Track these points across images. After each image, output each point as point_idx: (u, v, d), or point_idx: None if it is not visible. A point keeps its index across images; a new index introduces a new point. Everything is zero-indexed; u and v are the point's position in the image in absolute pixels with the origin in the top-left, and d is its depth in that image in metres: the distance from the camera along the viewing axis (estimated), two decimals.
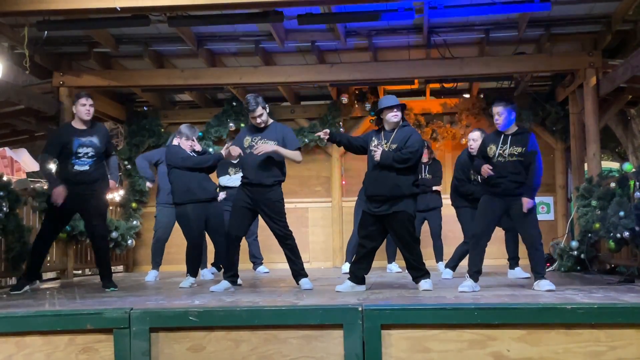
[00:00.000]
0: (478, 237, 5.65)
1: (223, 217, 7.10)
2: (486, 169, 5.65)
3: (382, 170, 5.68)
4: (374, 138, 5.84)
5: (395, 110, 5.75)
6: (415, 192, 5.75)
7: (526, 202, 5.51)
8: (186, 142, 6.91)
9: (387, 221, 5.71)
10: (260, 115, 6.06)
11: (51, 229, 6.43)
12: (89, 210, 6.39)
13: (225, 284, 6.06)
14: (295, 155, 6.12)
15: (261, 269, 8.77)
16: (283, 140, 6.08)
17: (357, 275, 5.78)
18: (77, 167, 6.31)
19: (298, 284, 6.10)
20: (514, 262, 7.17)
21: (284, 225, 6.10)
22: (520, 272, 7.04)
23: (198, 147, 7.03)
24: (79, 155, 6.30)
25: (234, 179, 8.20)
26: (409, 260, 5.81)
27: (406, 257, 5.81)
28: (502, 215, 5.78)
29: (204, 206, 6.81)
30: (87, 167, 6.32)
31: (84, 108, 6.37)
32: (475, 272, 5.55)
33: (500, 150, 5.65)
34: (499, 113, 5.67)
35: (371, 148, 5.77)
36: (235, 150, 6.08)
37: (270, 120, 6.23)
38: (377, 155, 5.65)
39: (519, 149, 5.60)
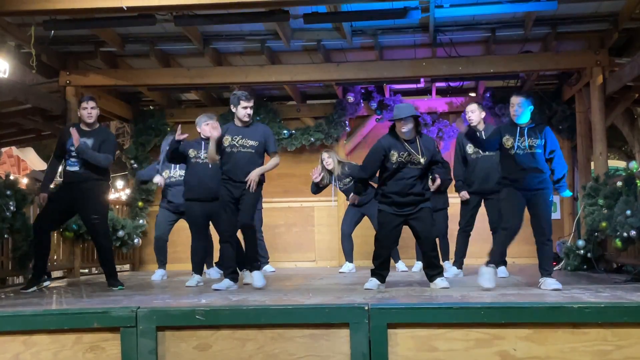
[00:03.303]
0: (512, 230, 5.59)
1: None
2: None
3: (408, 178, 5.78)
4: (392, 151, 5.77)
5: (402, 122, 5.75)
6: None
7: (564, 192, 5.82)
8: (205, 127, 6.82)
9: (412, 219, 5.82)
10: (252, 107, 6.16)
11: (42, 226, 6.41)
12: (84, 209, 6.41)
13: (227, 282, 6.07)
14: (274, 164, 6.23)
15: (267, 267, 8.77)
16: (265, 142, 6.14)
17: (384, 276, 5.91)
18: (68, 168, 6.38)
19: (249, 271, 6.20)
20: (500, 262, 7.19)
21: (252, 216, 6.13)
22: (501, 271, 7.03)
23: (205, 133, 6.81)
24: (72, 154, 6.33)
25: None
26: (429, 257, 5.87)
27: (427, 254, 5.89)
28: (524, 208, 5.75)
29: (207, 205, 6.72)
30: (76, 168, 6.34)
31: (85, 112, 6.40)
32: (501, 261, 5.60)
33: (518, 142, 5.65)
34: (519, 104, 5.69)
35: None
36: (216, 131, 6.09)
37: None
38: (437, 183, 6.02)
39: (538, 141, 5.63)
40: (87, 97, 6.55)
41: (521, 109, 5.69)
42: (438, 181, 5.98)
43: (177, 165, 7.60)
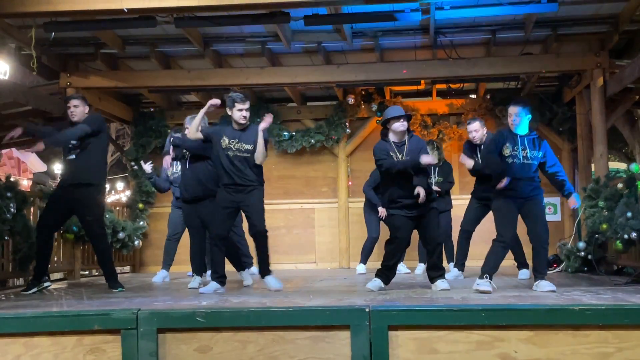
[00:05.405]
0: (508, 241, 5.63)
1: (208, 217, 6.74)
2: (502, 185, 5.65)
3: (414, 178, 5.80)
4: (391, 153, 5.86)
5: (402, 120, 5.83)
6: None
7: (574, 201, 5.72)
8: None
9: (421, 220, 5.87)
10: (248, 109, 6.07)
11: (46, 225, 6.36)
12: (78, 209, 6.39)
13: (214, 285, 6.02)
14: (263, 149, 6.07)
15: (253, 269, 8.74)
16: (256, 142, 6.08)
17: (390, 278, 5.94)
18: (68, 157, 6.34)
19: (262, 277, 6.17)
20: (522, 265, 7.20)
21: (264, 222, 6.09)
22: (525, 274, 7.06)
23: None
24: (70, 145, 6.32)
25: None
26: (433, 259, 5.92)
27: (431, 256, 5.93)
28: (517, 218, 5.79)
29: (197, 206, 6.66)
30: (73, 156, 6.30)
31: (69, 110, 6.38)
32: (491, 273, 5.56)
33: (515, 151, 5.63)
34: (517, 114, 5.66)
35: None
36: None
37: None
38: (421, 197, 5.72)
39: (536, 152, 5.63)
40: (70, 95, 6.48)
41: (519, 119, 5.66)
42: (422, 194, 5.69)
43: (179, 162, 7.55)
